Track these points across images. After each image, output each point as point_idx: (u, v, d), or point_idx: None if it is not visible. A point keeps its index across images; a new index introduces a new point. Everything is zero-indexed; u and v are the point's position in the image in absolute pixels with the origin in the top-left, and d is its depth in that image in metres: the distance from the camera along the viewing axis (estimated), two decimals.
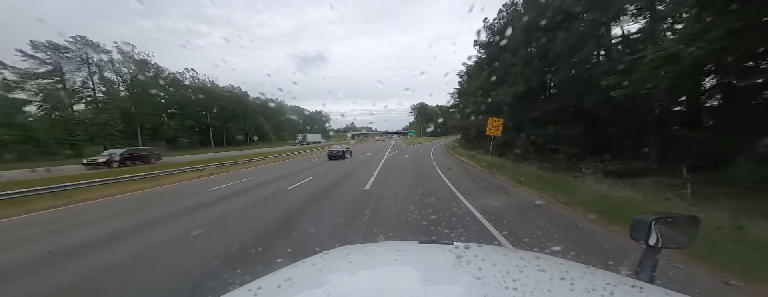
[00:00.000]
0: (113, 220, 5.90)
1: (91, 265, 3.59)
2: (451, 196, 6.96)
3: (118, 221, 5.79)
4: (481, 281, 0.79)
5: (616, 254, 3.03)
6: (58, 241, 4.55)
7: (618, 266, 1.09)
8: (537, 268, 0.90)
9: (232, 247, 3.84)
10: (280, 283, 0.84)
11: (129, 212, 6.64)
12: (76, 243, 4.47)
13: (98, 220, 6.03)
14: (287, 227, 4.77)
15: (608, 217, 4.59)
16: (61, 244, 4.39)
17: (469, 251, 1.03)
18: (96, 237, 4.71)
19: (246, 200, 7.33)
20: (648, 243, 0.95)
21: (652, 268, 0.94)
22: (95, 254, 3.95)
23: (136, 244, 4.27)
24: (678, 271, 2.78)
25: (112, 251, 4.04)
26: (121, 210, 7.02)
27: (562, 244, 3.57)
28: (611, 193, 6.28)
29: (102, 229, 5.13)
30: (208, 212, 6.17)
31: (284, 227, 4.80)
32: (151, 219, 5.77)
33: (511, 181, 9.19)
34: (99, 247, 4.22)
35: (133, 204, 7.71)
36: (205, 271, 3.15)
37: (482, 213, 5.15)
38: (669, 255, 2.80)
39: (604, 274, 0.87)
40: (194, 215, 5.95)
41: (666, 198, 6.55)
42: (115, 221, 5.81)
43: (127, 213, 6.58)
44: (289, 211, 5.97)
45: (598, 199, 5.49)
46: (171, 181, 12.09)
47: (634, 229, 0.98)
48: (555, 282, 0.78)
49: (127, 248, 4.12)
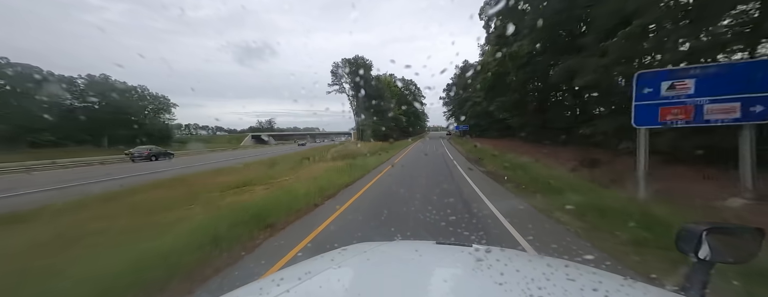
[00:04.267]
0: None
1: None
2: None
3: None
4: (503, 287, 0.74)
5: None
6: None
7: (662, 281, 0.98)
8: (566, 276, 0.83)
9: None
10: (300, 276, 0.86)
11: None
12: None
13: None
14: None
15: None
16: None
17: (491, 255, 0.98)
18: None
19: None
20: (698, 256, 0.85)
21: (702, 285, 0.83)
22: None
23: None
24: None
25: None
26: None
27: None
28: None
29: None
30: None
31: None
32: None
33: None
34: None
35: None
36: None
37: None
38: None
39: (645, 288, 0.79)
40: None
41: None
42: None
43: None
44: None
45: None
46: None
47: (682, 240, 0.87)
48: (586, 293, 0.72)
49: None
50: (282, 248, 3.94)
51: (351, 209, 5.93)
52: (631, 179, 6.94)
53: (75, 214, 5.88)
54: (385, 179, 10.05)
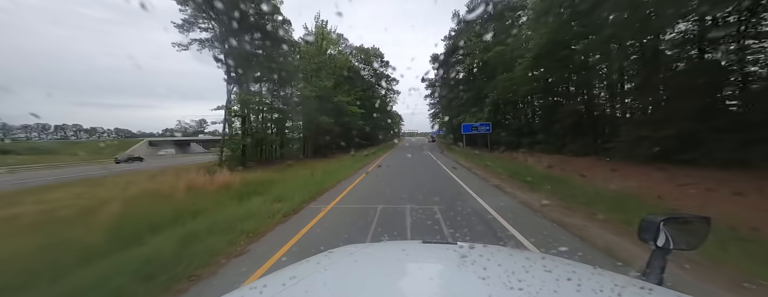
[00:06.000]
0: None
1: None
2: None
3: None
4: (486, 281, 0.78)
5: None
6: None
7: (626, 268, 1.08)
8: (543, 268, 0.88)
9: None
10: (285, 282, 0.84)
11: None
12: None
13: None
14: None
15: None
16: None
17: (474, 251, 1.02)
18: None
19: None
20: (657, 244, 0.94)
21: (660, 270, 0.92)
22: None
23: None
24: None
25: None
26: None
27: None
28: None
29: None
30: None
31: None
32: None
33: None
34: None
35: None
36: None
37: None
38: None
39: (612, 276, 0.86)
40: None
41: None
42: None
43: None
44: None
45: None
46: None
47: (643, 230, 0.96)
48: (561, 283, 0.77)
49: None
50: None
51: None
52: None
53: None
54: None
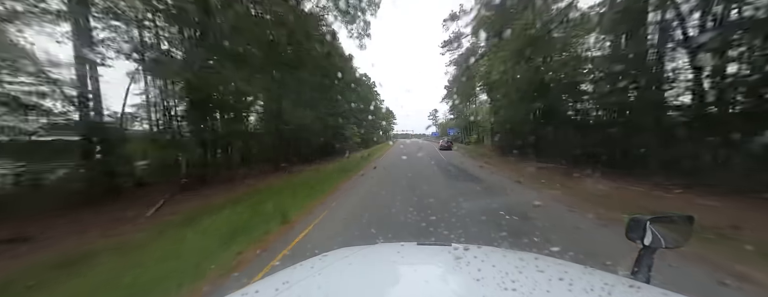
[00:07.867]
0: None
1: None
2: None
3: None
4: (480, 282, 0.79)
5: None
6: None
7: (616, 267, 1.10)
8: (536, 268, 0.90)
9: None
10: (277, 287, 0.83)
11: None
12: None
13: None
14: None
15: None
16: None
17: (468, 253, 1.03)
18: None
19: None
20: (644, 243, 0.96)
21: (648, 268, 0.95)
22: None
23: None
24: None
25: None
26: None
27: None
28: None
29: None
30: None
31: None
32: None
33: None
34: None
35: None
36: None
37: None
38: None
39: (602, 275, 0.88)
40: None
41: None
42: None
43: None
44: None
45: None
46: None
47: (630, 230, 0.99)
48: (554, 282, 0.79)
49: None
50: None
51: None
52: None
53: None
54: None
